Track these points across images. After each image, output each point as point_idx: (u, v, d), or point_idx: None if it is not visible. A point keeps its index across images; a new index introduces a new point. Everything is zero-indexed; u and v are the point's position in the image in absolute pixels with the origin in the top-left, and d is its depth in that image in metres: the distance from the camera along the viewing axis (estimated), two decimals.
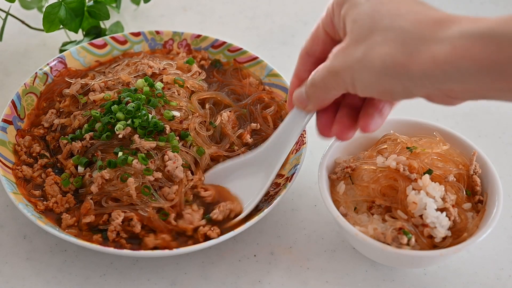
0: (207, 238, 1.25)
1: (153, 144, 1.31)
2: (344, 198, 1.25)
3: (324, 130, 1.15)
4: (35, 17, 1.78)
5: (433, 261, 1.21)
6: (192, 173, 1.33)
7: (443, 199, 1.20)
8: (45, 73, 1.52)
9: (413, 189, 1.20)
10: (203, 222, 1.26)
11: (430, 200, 1.18)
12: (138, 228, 1.23)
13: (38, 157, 1.39)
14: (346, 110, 1.13)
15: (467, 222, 1.20)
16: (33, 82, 1.49)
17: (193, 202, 1.30)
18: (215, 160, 1.38)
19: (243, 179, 1.30)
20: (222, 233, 1.24)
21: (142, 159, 1.28)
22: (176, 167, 1.29)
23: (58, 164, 1.38)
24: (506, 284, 1.28)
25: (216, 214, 1.26)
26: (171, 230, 1.25)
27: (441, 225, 1.17)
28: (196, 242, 1.24)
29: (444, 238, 1.18)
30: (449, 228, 1.19)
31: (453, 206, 1.20)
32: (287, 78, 1.53)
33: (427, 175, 1.21)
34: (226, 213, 1.27)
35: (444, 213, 1.18)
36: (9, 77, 1.68)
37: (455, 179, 1.24)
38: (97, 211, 1.25)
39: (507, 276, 1.29)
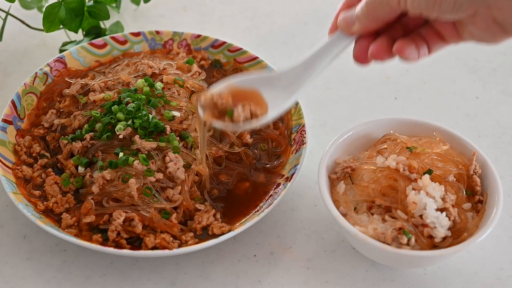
0: (205, 232, 1.26)
1: (153, 144, 1.31)
2: (344, 198, 1.26)
3: (360, 56, 1.16)
4: (35, 17, 1.78)
5: (433, 261, 1.21)
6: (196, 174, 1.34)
7: (443, 199, 1.20)
8: (45, 73, 1.52)
9: (413, 189, 1.20)
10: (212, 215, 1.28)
11: (430, 200, 1.18)
12: (139, 228, 1.23)
13: (38, 157, 1.39)
14: (385, 37, 1.14)
15: (467, 222, 1.20)
16: (33, 82, 1.49)
17: (204, 201, 1.32)
18: (218, 161, 1.38)
19: (272, 91, 1.25)
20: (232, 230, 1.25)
21: (143, 159, 1.28)
22: (178, 169, 1.29)
23: (58, 164, 1.38)
24: (506, 284, 1.28)
25: (238, 113, 1.21)
26: (172, 227, 1.25)
27: (441, 225, 1.17)
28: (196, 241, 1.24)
29: (444, 238, 1.19)
30: (449, 228, 1.19)
31: (453, 206, 1.20)
32: None
33: (427, 175, 1.21)
34: (247, 113, 1.22)
35: (444, 213, 1.18)
36: (9, 77, 1.68)
37: (455, 179, 1.24)
38: (98, 211, 1.25)
39: (507, 276, 1.29)
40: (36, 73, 1.50)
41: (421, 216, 1.18)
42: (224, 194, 1.34)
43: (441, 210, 1.18)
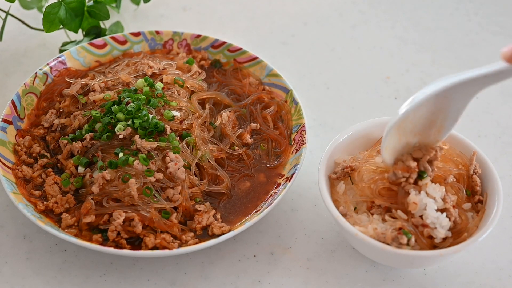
0: (205, 232, 1.26)
1: (153, 144, 1.31)
2: (344, 198, 1.26)
3: None
4: (35, 17, 1.78)
5: (433, 261, 1.21)
6: (195, 174, 1.33)
7: (444, 199, 1.19)
8: (45, 73, 1.52)
9: (414, 189, 1.20)
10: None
11: (430, 201, 1.18)
12: (139, 228, 1.23)
13: (38, 157, 1.39)
14: None
15: (468, 223, 1.20)
16: (33, 82, 1.49)
17: (205, 201, 1.32)
18: (219, 163, 1.38)
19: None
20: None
21: (143, 159, 1.28)
22: (178, 169, 1.29)
23: (58, 164, 1.38)
24: (506, 284, 1.28)
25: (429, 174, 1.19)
26: (172, 227, 1.25)
27: (441, 225, 1.17)
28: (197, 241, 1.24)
29: (444, 239, 1.18)
30: (450, 229, 1.19)
31: (453, 206, 1.20)
32: (287, 78, 1.54)
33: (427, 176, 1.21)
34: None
35: (444, 214, 1.18)
36: (9, 77, 1.68)
37: (454, 180, 1.24)
38: (98, 211, 1.25)
39: (507, 276, 1.29)
40: (36, 73, 1.50)
41: (421, 216, 1.18)
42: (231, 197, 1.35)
43: (442, 210, 1.18)
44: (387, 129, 1.18)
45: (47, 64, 1.53)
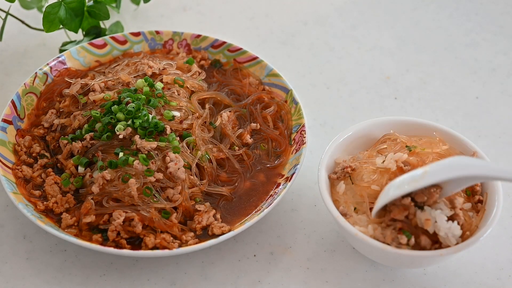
0: (205, 232, 1.26)
1: (153, 144, 1.31)
2: (344, 198, 1.25)
3: None
4: (35, 17, 1.78)
5: (433, 261, 1.21)
6: (196, 175, 1.34)
7: (452, 204, 1.18)
8: (45, 73, 1.52)
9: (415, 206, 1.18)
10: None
11: (437, 212, 1.16)
12: (139, 228, 1.23)
13: (38, 157, 1.39)
14: None
15: (472, 221, 1.20)
16: (33, 82, 1.49)
17: (204, 201, 1.32)
18: (220, 163, 1.38)
19: None
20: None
21: (143, 159, 1.28)
22: (178, 169, 1.29)
23: (58, 164, 1.38)
24: (506, 284, 1.28)
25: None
26: (172, 227, 1.25)
27: (453, 234, 1.16)
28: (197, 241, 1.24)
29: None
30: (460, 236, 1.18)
31: (460, 208, 1.19)
32: (287, 78, 1.54)
33: None
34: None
35: (456, 222, 1.16)
36: (9, 77, 1.68)
37: None
38: (98, 211, 1.25)
39: (507, 276, 1.29)
40: (36, 73, 1.50)
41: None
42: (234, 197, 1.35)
43: (451, 218, 1.17)
44: (381, 203, 1.18)
45: (47, 64, 1.53)
